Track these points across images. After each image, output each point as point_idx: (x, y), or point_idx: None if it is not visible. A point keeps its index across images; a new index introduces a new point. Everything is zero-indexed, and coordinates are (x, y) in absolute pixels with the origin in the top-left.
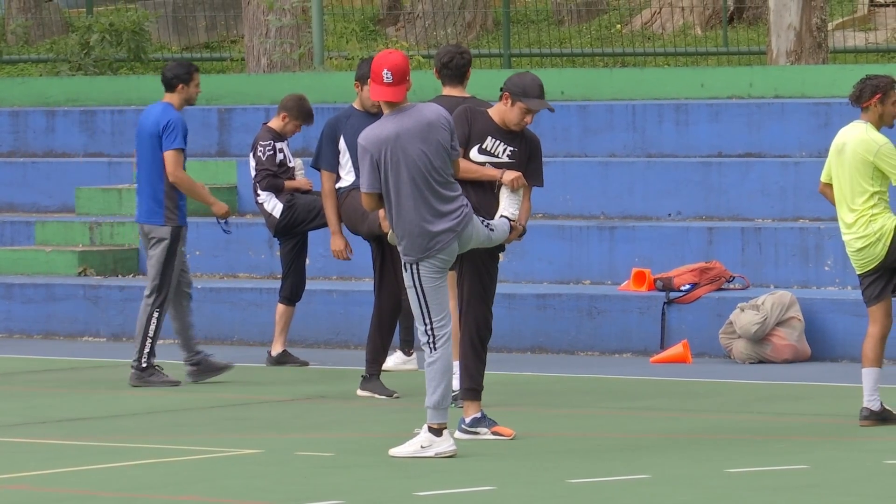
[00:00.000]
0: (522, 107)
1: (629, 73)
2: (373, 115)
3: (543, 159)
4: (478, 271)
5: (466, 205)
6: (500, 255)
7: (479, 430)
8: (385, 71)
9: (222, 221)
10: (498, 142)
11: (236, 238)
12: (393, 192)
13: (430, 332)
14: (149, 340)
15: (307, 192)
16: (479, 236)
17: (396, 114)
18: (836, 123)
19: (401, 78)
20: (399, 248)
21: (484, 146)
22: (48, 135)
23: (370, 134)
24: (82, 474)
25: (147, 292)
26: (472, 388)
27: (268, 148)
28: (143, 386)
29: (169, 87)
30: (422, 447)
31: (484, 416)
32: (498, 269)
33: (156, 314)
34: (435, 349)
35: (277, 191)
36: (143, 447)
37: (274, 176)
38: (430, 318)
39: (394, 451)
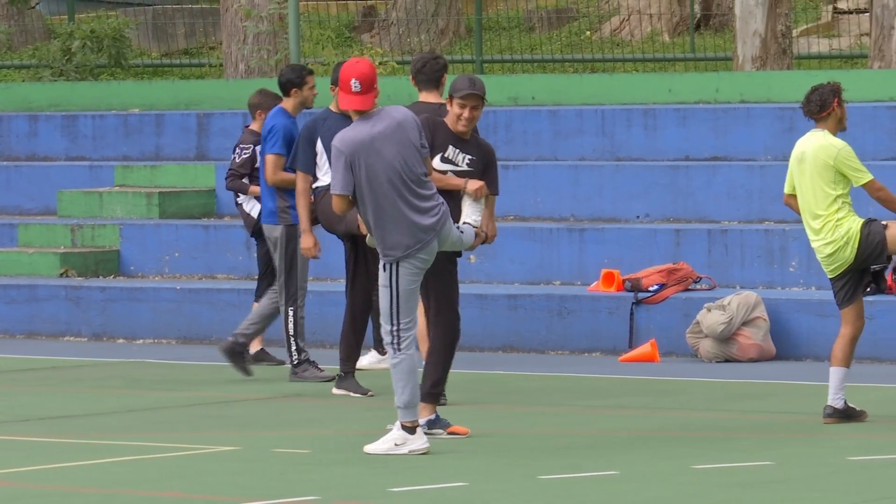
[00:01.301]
0: (455, 102)
1: (598, 78)
2: (349, 117)
3: (515, 163)
4: (442, 278)
5: (443, 202)
6: (471, 257)
7: (435, 431)
8: (353, 80)
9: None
10: (457, 150)
11: (215, 240)
12: (370, 194)
13: (395, 333)
14: (292, 340)
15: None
16: (453, 237)
17: (367, 118)
18: (801, 128)
19: (369, 86)
20: (379, 250)
21: (446, 155)
22: (31, 139)
23: (345, 136)
24: (64, 471)
25: (276, 295)
26: (433, 392)
27: (244, 150)
28: (297, 381)
29: (284, 91)
30: (396, 445)
31: (438, 418)
32: (457, 272)
33: (290, 313)
34: (399, 350)
35: (241, 193)
36: (123, 444)
37: (240, 177)
38: (398, 320)
39: (368, 448)
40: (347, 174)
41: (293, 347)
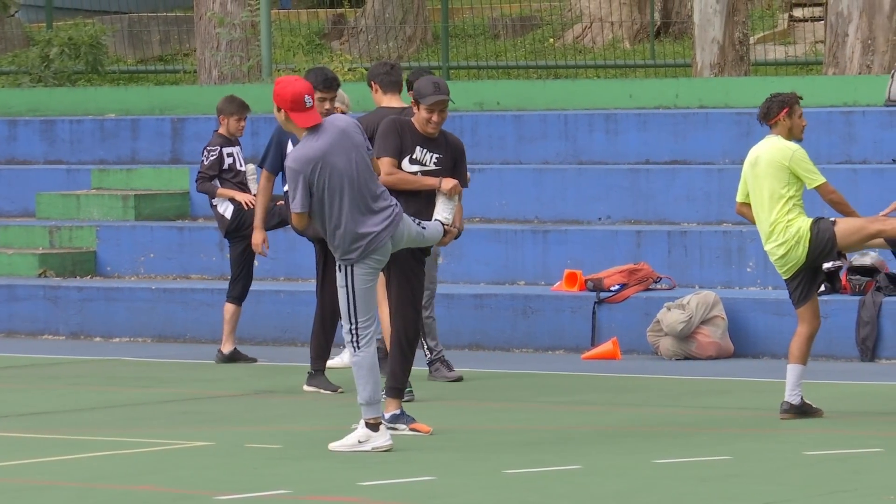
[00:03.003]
0: (423, 108)
1: (561, 84)
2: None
3: (481, 166)
4: (405, 276)
5: (396, 204)
6: (440, 258)
7: (398, 426)
8: (307, 97)
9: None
10: (424, 150)
11: (189, 241)
12: (328, 204)
13: (354, 332)
14: (422, 339)
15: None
16: (412, 234)
17: (314, 133)
18: (758, 133)
19: (313, 101)
20: (336, 254)
21: (414, 156)
22: (10, 143)
23: (298, 156)
24: (42, 465)
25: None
26: (395, 387)
27: (212, 153)
28: (433, 380)
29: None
30: (359, 442)
31: (403, 413)
32: (424, 273)
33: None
34: (359, 348)
35: (210, 195)
36: (100, 440)
37: (209, 179)
38: (356, 319)
39: (333, 446)
40: (305, 192)
41: (424, 347)
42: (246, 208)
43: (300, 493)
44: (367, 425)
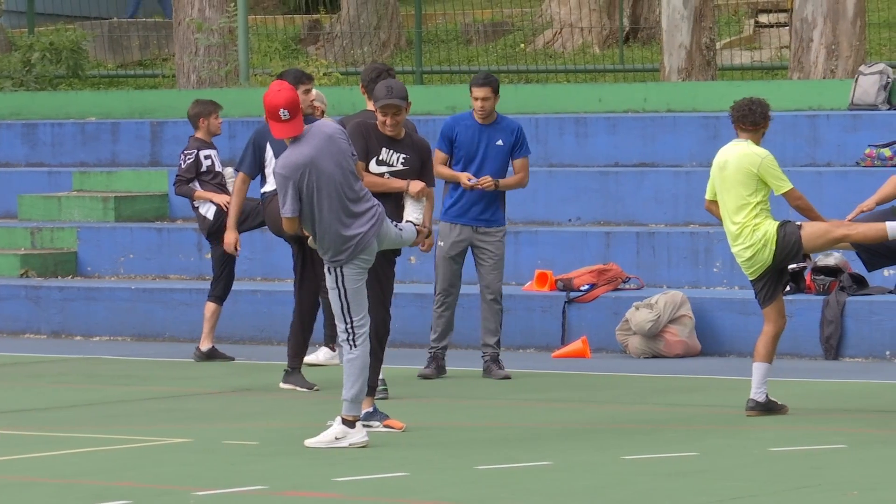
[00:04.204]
0: (378, 111)
1: (532, 89)
2: None
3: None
4: (376, 276)
5: (378, 204)
6: (411, 258)
7: (371, 422)
8: (282, 110)
9: None
10: (391, 151)
11: (167, 242)
12: (316, 209)
13: (350, 331)
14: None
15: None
16: (391, 235)
17: (301, 139)
18: (725, 136)
19: (296, 111)
20: (325, 257)
21: (381, 157)
22: None
23: (287, 162)
24: (24, 462)
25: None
26: (368, 385)
27: (188, 156)
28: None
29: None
30: (336, 438)
31: (376, 410)
32: (394, 273)
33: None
34: (355, 346)
35: (188, 197)
36: (81, 436)
37: (187, 182)
38: (350, 318)
39: (309, 442)
40: (295, 197)
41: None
42: (225, 209)
43: (277, 489)
44: (345, 422)
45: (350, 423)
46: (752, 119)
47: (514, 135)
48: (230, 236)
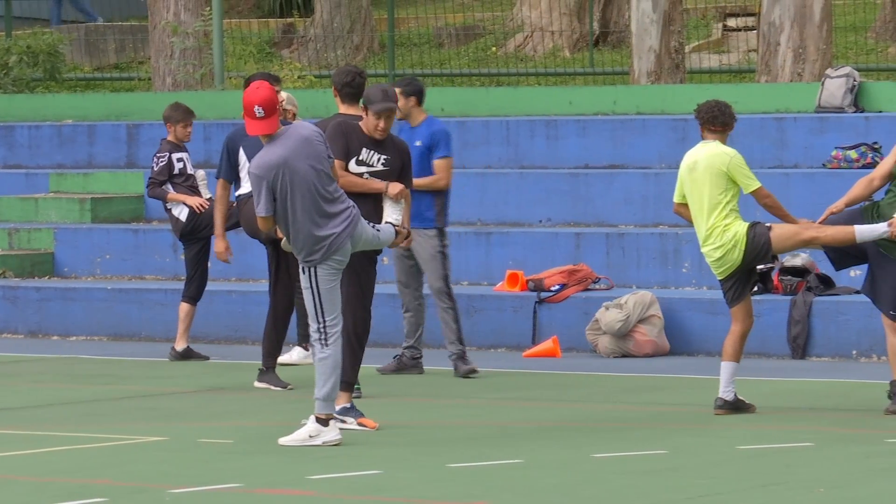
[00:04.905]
0: (371, 114)
1: (504, 91)
2: None
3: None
4: (356, 275)
5: (353, 206)
6: (384, 259)
7: (346, 418)
8: (257, 107)
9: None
10: (372, 152)
11: (143, 243)
12: (290, 209)
13: (322, 330)
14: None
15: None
16: (367, 236)
17: (277, 139)
18: (693, 138)
19: (271, 110)
20: (299, 257)
21: (361, 157)
22: None
23: (261, 162)
24: (1, 460)
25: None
26: (346, 381)
27: (161, 159)
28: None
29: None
30: (310, 437)
31: (352, 407)
32: (375, 272)
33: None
34: (326, 345)
35: (161, 200)
36: (58, 435)
37: (160, 184)
38: (323, 318)
39: (284, 441)
40: (269, 197)
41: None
42: (198, 211)
43: (251, 487)
44: (318, 420)
45: (323, 422)
46: (721, 120)
47: (432, 137)
48: (221, 244)
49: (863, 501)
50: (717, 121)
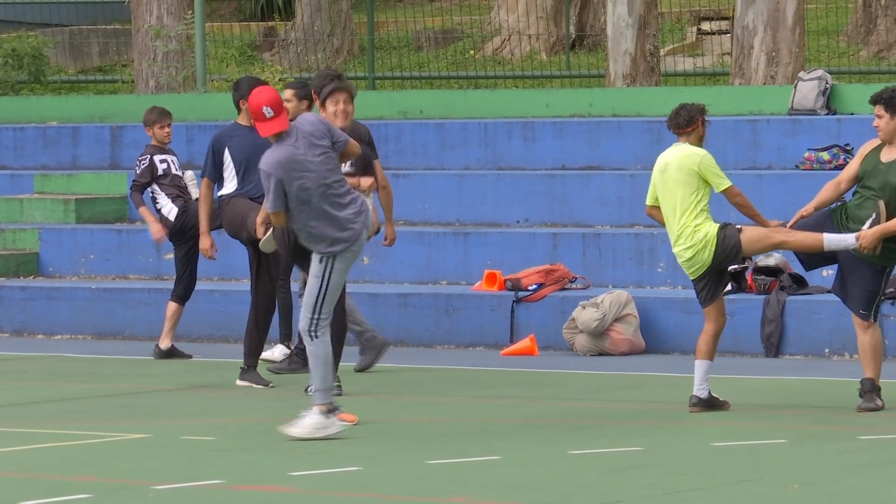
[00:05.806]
0: (328, 101)
1: (481, 94)
2: (255, 129)
3: (405, 172)
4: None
5: (359, 195)
6: (364, 259)
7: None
8: (265, 108)
9: None
10: None
11: (127, 243)
12: (304, 203)
13: (315, 321)
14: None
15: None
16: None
17: (284, 137)
18: (668, 140)
19: (279, 108)
20: (317, 248)
21: None
22: None
23: (270, 159)
24: None
25: None
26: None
27: (142, 162)
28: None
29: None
30: (317, 430)
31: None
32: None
33: None
34: (316, 338)
35: (139, 205)
36: (41, 432)
37: (142, 186)
38: (319, 311)
39: (293, 433)
40: (279, 193)
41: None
42: (154, 238)
43: (233, 483)
44: (320, 412)
45: (325, 413)
46: (686, 117)
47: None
48: (205, 241)
49: (835, 497)
50: (681, 119)
